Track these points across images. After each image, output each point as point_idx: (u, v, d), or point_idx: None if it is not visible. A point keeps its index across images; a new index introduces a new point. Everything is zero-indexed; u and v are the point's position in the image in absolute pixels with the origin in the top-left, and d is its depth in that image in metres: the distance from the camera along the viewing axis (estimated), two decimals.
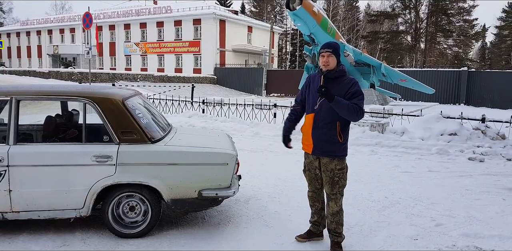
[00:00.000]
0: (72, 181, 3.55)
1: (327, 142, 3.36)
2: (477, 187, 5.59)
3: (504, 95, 24.00)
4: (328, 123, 3.35)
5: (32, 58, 51.93)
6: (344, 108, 3.22)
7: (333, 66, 3.36)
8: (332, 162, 3.39)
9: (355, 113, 3.23)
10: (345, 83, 3.35)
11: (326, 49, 3.34)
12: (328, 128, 3.35)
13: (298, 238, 3.69)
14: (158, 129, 3.99)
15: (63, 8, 68.93)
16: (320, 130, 3.38)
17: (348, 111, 3.22)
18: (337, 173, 3.40)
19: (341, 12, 53.94)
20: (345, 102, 3.22)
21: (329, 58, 3.34)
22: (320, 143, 3.38)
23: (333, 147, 3.37)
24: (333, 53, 3.34)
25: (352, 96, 3.29)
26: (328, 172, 3.41)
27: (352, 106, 3.22)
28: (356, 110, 3.23)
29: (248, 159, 6.81)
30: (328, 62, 3.34)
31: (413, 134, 8.90)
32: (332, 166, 3.40)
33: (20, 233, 3.73)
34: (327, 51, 3.34)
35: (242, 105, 12.91)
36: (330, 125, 3.35)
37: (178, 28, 39.86)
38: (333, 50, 3.34)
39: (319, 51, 3.44)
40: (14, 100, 3.63)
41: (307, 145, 3.50)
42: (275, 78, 32.49)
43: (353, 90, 3.31)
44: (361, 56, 19.11)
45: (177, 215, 4.22)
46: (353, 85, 3.33)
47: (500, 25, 56.49)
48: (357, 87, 3.33)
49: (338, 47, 3.41)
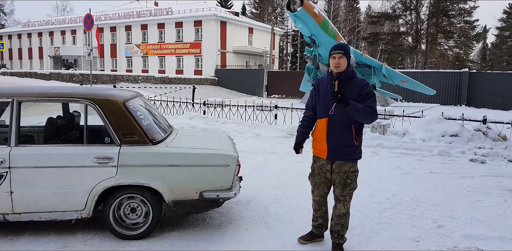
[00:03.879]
0: (74, 182, 3.55)
1: (344, 146, 3.35)
2: (478, 189, 5.58)
3: (505, 96, 23.94)
4: (344, 127, 3.33)
5: (33, 60, 52.01)
6: (359, 112, 3.20)
7: (343, 68, 3.32)
8: (347, 165, 3.39)
9: (370, 116, 3.24)
10: (357, 85, 3.33)
11: (338, 50, 3.31)
12: (344, 132, 3.34)
13: (300, 240, 3.68)
14: (159, 130, 3.99)
15: (64, 10, 69.14)
16: (336, 135, 3.35)
17: (363, 115, 3.22)
18: (350, 176, 3.41)
19: (342, 13, 54.00)
20: (360, 106, 3.21)
21: (341, 60, 3.30)
22: (336, 147, 3.35)
23: (349, 150, 3.37)
24: (344, 54, 3.31)
25: (365, 98, 3.28)
26: (341, 174, 3.40)
27: (367, 110, 3.22)
28: (371, 113, 3.24)
29: (249, 161, 6.81)
30: (340, 63, 3.30)
31: (414, 135, 8.90)
32: (346, 168, 3.39)
33: (22, 234, 3.73)
34: (338, 52, 3.30)
35: (243, 106, 12.91)
36: (345, 129, 3.34)
37: (179, 29, 39.91)
38: (345, 51, 3.32)
39: (330, 52, 3.37)
40: (16, 102, 3.64)
41: (320, 150, 3.46)
42: (276, 80, 32.51)
43: (366, 92, 3.30)
44: (362, 57, 19.10)
45: (178, 217, 4.22)
46: (365, 87, 3.32)
47: (501, 26, 56.55)
48: (369, 88, 3.32)
49: (349, 48, 3.39)
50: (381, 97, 20.71)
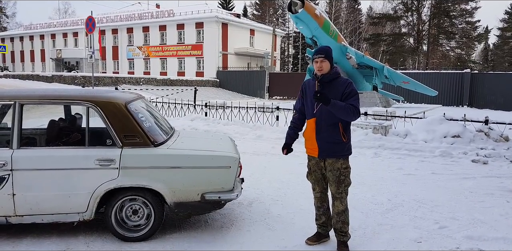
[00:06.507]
0: (76, 184, 3.55)
1: (333, 144, 3.46)
2: (480, 189, 5.57)
3: (507, 96, 23.92)
4: (330, 125, 3.44)
5: (35, 62, 52.15)
6: (341, 110, 3.31)
7: (327, 70, 3.46)
8: (338, 162, 3.49)
9: (351, 113, 3.34)
10: (340, 84, 3.45)
11: (319, 54, 3.44)
12: (331, 130, 3.45)
13: (308, 241, 3.70)
14: (161, 132, 4.00)
15: (66, 12, 69.39)
16: (324, 133, 3.46)
17: (345, 112, 3.32)
18: (343, 172, 3.50)
19: (343, 14, 54.03)
20: (341, 104, 3.32)
21: (323, 63, 3.44)
22: (326, 145, 3.47)
23: (338, 147, 3.47)
24: (325, 57, 3.43)
25: (348, 96, 3.39)
26: (334, 171, 3.49)
27: (349, 107, 3.32)
28: (352, 111, 3.33)
29: (251, 162, 6.81)
30: (322, 67, 3.44)
31: (416, 136, 8.88)
32: (338, 165, 3.49)
33: (24, 237, 3.74)
34: (319, 57, 3.44)
35: (244, 108, 12.92)
36: (332, 127, 3.45)
37: (180, 31, 39.99)
38: (326, 54, 3.44)
39: (312, 57, 3.53)
40: (18, 104, 3.66)
41: (311, 149, 3.58)
42: (278, 81, 32.53)
43: (348, 90, 3.42)
44: (363, 58, 19.11)
45: (180, 219, 4.22)
46: (348, 86, 3.44)
47: (502, 26, 56.53)
48: (352, 87, 3.44)
49: (331, 50, 3.50)
50: (383, 98, 20.70)
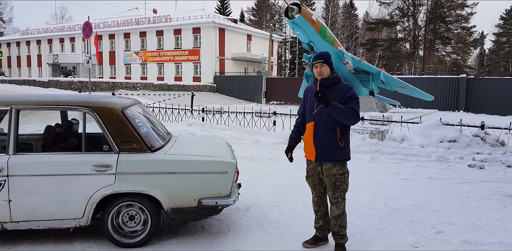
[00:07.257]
0: (72, 190, 3.54)
1: (330, 148, 3.47)
2: (477, 194, 5.58)
3: (503, 101, 24.05)
4: (328, 129, 3.46)
5: (32, 68, 52.10)
6: (340, 112, 3.33)
7: (327, 75, 3.50)
8: (334, 167, 3.49)
9: (351, 116, 3.36)
10: (341, 89, 3.49)
11: (318, 60, 3.49)
12: (329, 134, 3.46)
13: (305, 244, 3.72)
14: (157, 138, 4.00)
15: (63, 17, 69.44)
16: (321, 137, 3.48)
17: (345, 115, 3.34)
18: (339, 178, 3.50)
19: (340, 20, 54.31)
20: (341, 107, 3.34)
21: (322, 68, 3.48)
22: (323, 149, 3.48)
23: (335, 152, 3.47)
24: (325, 62, 3.48)
25: (348, 100, 3.42)
26: (330, 177, 3.50)
27: (348, 110, 3.34)
28: (352, 114, 3.35)
29: (248, 167, 6.81)
30: (322, 71, 3.49)
31: (413, 141, 8.91)
32: (334, 171, 3.49)
33: (20, 243, 3.72)
34: (319, 62, 3.48)
35: (241, 113, 12.93)
36: (330, 131, 3.46)
37: (177, 36, 40.07)
38: (325, 59, 3.48)
39: (312, 62, 3.58)
40: (14, 110, 3.65)
41: (309, 153, 3.59)
42: (275, 86, 32.60)
43: (349, 95, 3.44)
44: (360, 63, 19.18)
45: (177, 224, 4.21)
46: (348, 90, 3.47)
47: (498, 32, 56.83)
48: (352, 92, 3.47)
49: (329, 56, 3.55)
50: (379, 103, 20.75)
